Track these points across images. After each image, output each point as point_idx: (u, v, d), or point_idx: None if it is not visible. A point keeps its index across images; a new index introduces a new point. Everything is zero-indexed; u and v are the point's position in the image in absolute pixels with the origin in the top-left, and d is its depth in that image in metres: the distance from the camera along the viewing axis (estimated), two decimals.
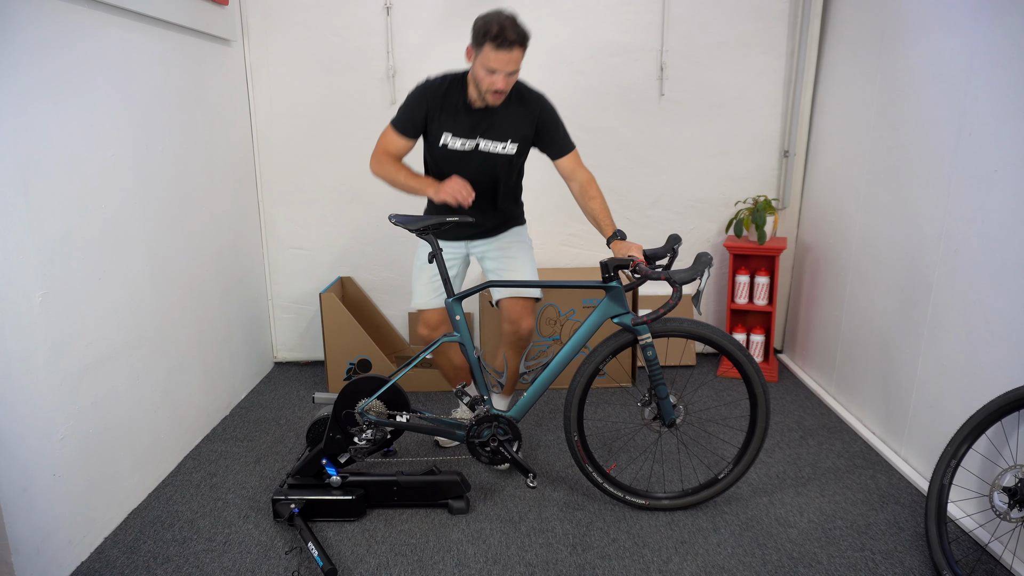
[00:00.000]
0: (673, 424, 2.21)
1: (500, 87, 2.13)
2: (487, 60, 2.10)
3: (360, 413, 2.23)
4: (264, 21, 3.30)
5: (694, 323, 2.15)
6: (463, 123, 2.26)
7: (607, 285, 2.14)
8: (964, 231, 2.21)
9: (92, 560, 2.06)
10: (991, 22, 2.11)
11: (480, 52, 2.12)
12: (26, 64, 1.85)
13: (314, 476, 2.29)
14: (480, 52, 2.12)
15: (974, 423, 1.91)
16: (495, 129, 2.28)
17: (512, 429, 2.25)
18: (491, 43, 2.08)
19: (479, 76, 2.15)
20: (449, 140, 2.28)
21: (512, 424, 2.24)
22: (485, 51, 2.10)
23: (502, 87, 2.14)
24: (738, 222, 3.40)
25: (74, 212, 2.03)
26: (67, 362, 2.00)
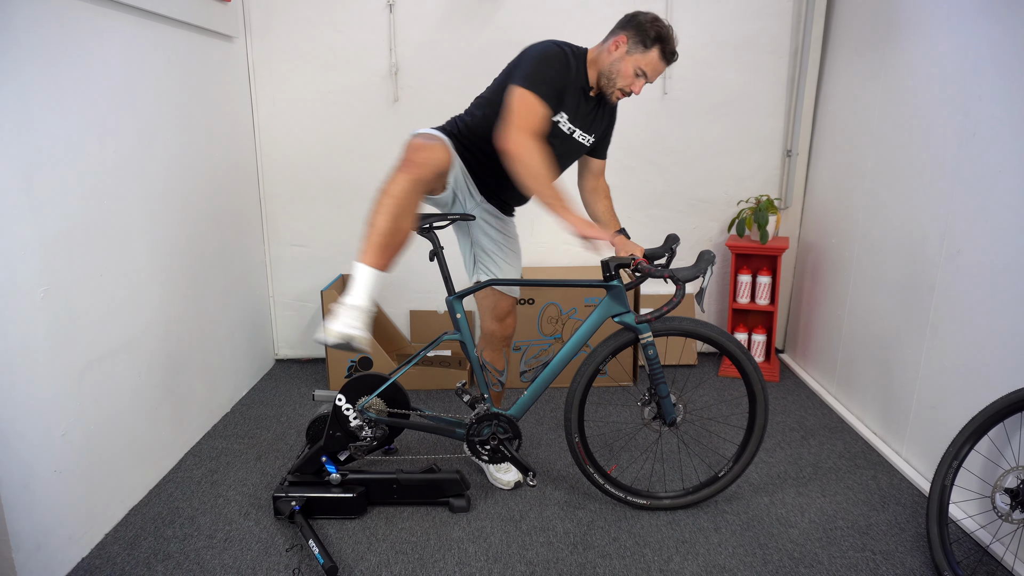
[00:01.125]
0: (674, 423, 2.21)
1: (638, 92, 2.11)
2: (647, 63, 2.06)
3: (360, 411, 2.23)
4: (266, 17, 3.30)
5: (694, 321, 2.15)
6: (582, 109, 2.15)
7: (608, 284, 2.14)
8: (967, 231, 2.20)
9: (93, 556, 2.06)
10: (995, 22, 2.11)
11: (643, 53, 2.05)
12: (28, 60, 1.84)
13: (314, 474, 2.29)
14: (643, 53, 2.05)
15: (976, 424, 1.90)
16: (594, 122, 2.22)
17: (512, 428, 2.25)
18: (661, 50, 2.05)
19: (624, 73, 2.07)
20: (562, 122, 2.13)
21: (512, 423, 2.24)
22: (650, 54, 2.05)
23: (638, 92, 2.12)
24: (740, 221, 3.40)
25: (76, 208, 2.03)
26: (69, 358, 2.00)
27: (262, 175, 3.49)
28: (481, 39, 3.36)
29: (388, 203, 1.94)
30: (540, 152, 1.95)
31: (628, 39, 2.06)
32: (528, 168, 1.94)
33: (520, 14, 3.34)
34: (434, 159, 1.98)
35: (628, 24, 2.08)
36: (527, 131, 1.95)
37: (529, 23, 3.35)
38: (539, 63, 2.01)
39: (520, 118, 1.96)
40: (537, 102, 1.97)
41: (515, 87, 1.98)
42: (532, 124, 1.97)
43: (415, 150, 1.98)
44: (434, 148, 1.99)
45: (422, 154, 1.97)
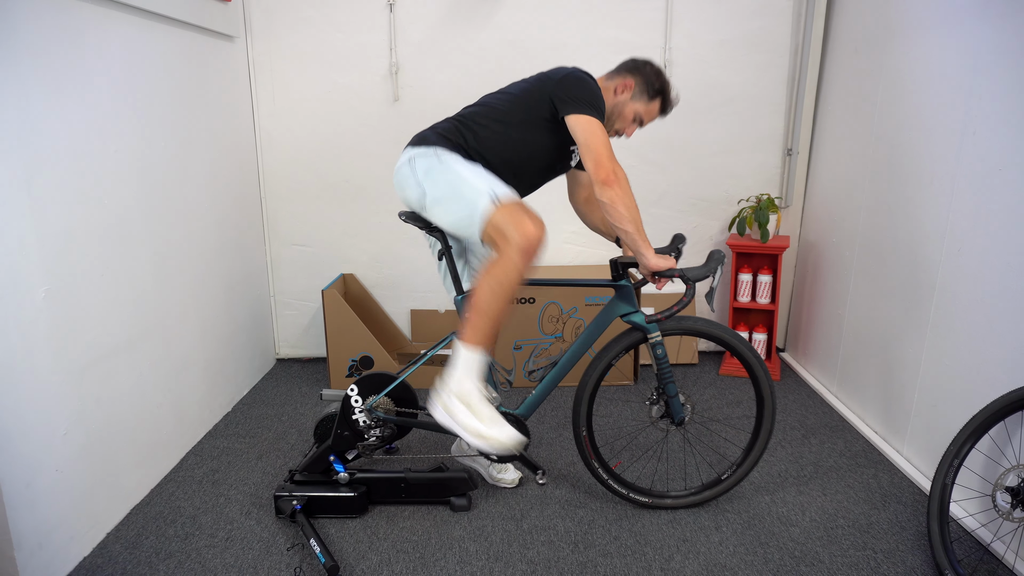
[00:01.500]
0: (682, 423, 2.21)
1: (628, 136, 2.23)
2: (647, 112, 2.17)
3: (369, 410, 2.23)
4: (267, 17, 3.30)
5: (703, 321, 2.15)
6: None
7: (617, 284, 2.14)
8: (968, 230, 2.20)
9: (94, 555, 2.07)
10: (995, 20, 2.11)
11: (645, 103, 2.16)
12: (29, 61, 1.85)
13: (321, 472, 2.29)
14: (645, 103, 2.16)
15: (977, 422, 1.90)
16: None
17: (520, 427, 2.24)
18: (661, 104, 2.17)
19: (624, 116, 2.16)
20: (575, 148, 2.18)
21: (520, 422, 2.23)
22: (652, 105, 2.16)
23: (628, 136, 2.24)
24: (741, 220, 3.40)
25: (77, 208, 2.03)
26: (70, 358, 2.00)
27: (263, 175, 3.50)
28: (481, 39, 3.36)
29: (508, 292, 1.91)
30: (631, 192, 1.99)
31: (635, 85, 2.14)
32: (627, 205, 1.96)
33: (520, 14, 3.34)
34: (544, 235, 1.93)
35: (636, 71, 2.15)
36: (618, 164, 1.97)
37: (529, 23, 3.35)
38: (592, 93, 2.03)
39: (607, 149, 1.96)
40: (605, 131, 2.00)
41: (590, 118, 1.97)
42: (613, 154, 1.98)
43: (534, 238, 1.89)
44: (541, 225, 1.93)
45: (540, 238, 1.91)
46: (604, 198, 1.96)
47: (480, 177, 1.99)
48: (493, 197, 1.92)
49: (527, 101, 2.08)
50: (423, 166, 2.05)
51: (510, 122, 2.08)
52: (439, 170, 2.02)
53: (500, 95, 2.15)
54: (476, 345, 1.93)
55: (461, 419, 1.89)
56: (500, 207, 1.91)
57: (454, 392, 1.91)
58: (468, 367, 1.92)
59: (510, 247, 1.89)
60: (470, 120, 2.11)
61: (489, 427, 1.88)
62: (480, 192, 1.94)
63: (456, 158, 2.03)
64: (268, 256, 3.60)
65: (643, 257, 1.99)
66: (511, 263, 1.89)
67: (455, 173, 2.00)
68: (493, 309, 1.92)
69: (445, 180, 2.00)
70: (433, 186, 2.02)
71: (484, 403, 1.92)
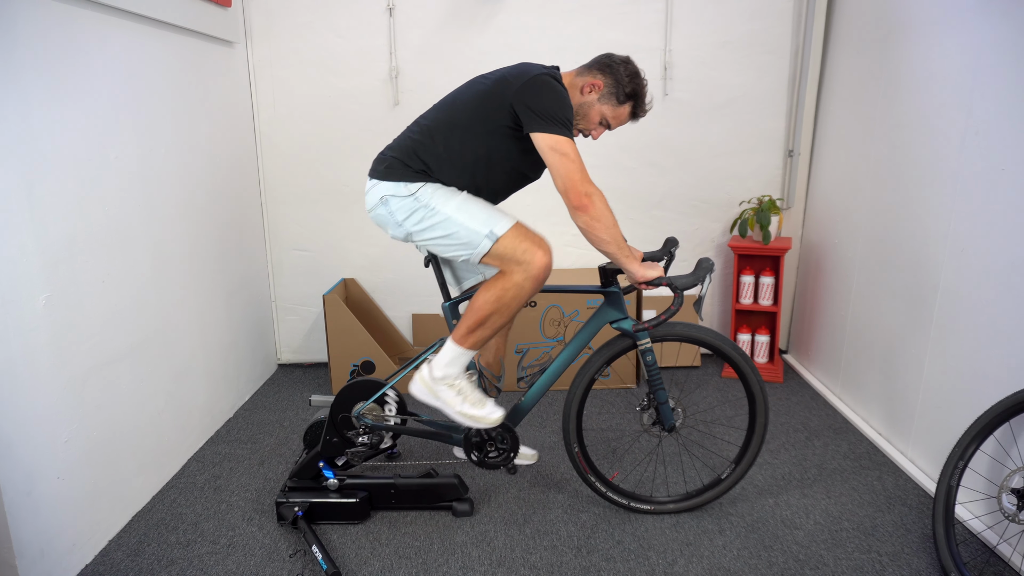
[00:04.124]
0: (673, 429, 2.19)
1: (595, 139, 2.12)
2: (615, 116, 2.04)
3: (356, 417, 2.22)
4: (267, 23, 3.31)
5: (690, 326, 2.13)
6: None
7: (606, 290, 2.12)
8: (971, 230, 2.19)
9: (96, 563, 2.06)
10: (997, 19, 2.10)
11: (613, 107, 2.02)
12: (29, 67, 1.85)
13: (311, 479, 2.28)
14: (613, 107, 2.02)
15: (982, 424, 1.89)
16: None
17: (509, 435, 2.23)
18: (631, 108, 2.04)
19: (589, 118, 2.04)
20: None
21: (509, 429, 2.21)
22: (621, 110, 2.03)
23: (595, 139, 2.14)
24: (743, 222, 3.39)
25: (77, 215, 2.03)
26: (71, 365, 2.00)
27: (263, 180, 3.50)
28: (481, 42, 3.36)
29: (509, 310, 1.97)
30: (609, 208, 1.91)
31: (604, 86, 2.01)
32: (606, 226, 1.89)
33: (520, 17, 3.34)
34: (552, 259, 1.98)
35: (607, 70, 2.01)
36: (592, 183, 1.88)
37: (529, 26, 3.35)
38: (556, 102, 1.88)
39: (578, 171, 1.86)
40: (575, 146, 1.89)
41: (556, 138, 1.86)
42: (586, 172, 1.89)
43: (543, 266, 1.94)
44: (549, 250, 1.96)
45: (549, 264, 1.96)
46: (579, 223, 1.90)
47: (473, 217, 1.96)
48: (492, 237, 1.94)
49: (486, 107, 1.95)
50: (403, 210, 1.99)
51: (471, 134, 1.97)
52: (426, 216, 1.97)
53: (459, 102, 2.01)
54: (466, 348, 2.03)
55: (447, 398, 2.06)
56: (502, 239, 1.93)
57: (439, 377, 2.06)
58: (455, 360, 2.05)
59: (519, 273, 1.94)
60: (428, 137, 1.99)
61: (475, 407, 2.06)
62: (477, 234, 1.95)
63: (438, 196, 1.97)
64: (269, 261, 3.60)
65: (630, 271, 1.97)
66: (519, 287, 1.95)
67: (444, 217, 1.96)
68: (491, 321, 1.98)
69: (435, 225, 1.98)
70: (421, 232, 2.00)
71: (471, 386, 2.10)
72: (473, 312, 1.97)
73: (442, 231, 1.98)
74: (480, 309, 1.96)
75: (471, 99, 1.98)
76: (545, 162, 1.91)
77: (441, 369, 2.05)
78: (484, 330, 1.99)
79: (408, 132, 2.06)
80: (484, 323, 1.98)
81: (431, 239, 2.01)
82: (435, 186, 1.99)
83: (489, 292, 1.96)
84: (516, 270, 1.94)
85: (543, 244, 1.96)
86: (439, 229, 1.97)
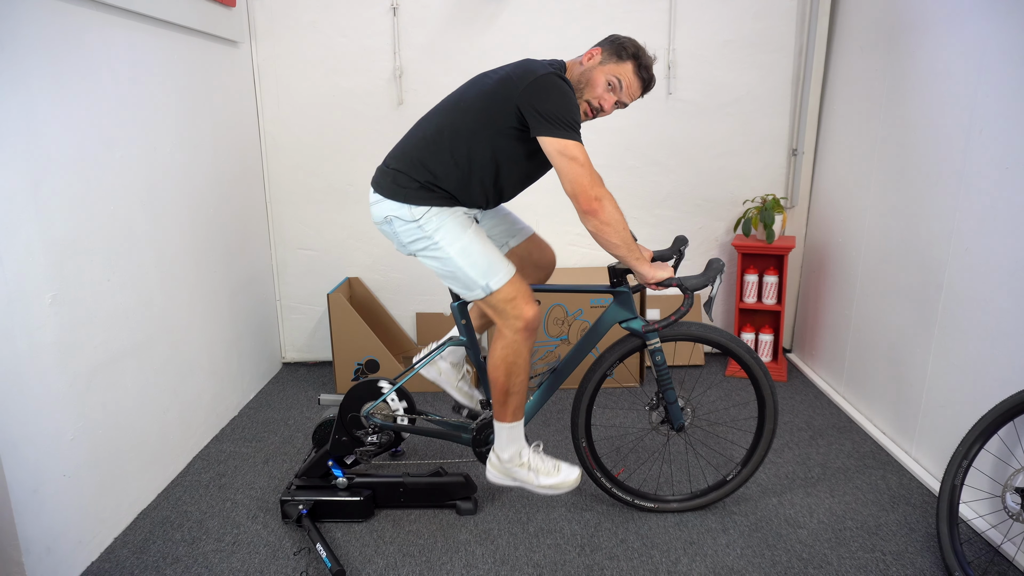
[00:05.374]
0: (682, 428, 2.20)
1: (607, 109, 1.98)
2: (621, 72, 1.93)
3: (366, 416, 2.23)
4: (271, 22, 3.31)
5: (701, 326, 2.13)
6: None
7: (615, 290, 2.12)
8: (975, 229, 2.19)
9: (102, 560, 2.07)
10: (1001, 18, 2.10)
11: (616, 63, 1.93)
12: (34, 67, 1.86)
13: (320, 477, 2.29)
14: (616, 63, 1.93)
15: (986, 423, 1.89)
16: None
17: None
18: (636, 64, 1.94)
19: (594, 81, 1.94)
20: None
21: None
22: (625, 65, 1.93)
23: (607, 110, 1.98)
24: (746, 221, 3.39)
25: (83, 214, 2.04)
26: (77, 363, 2.01)
27: (268, 179, 3.51)
28: (485, 41, 3.36)
29: (521, 367, 2.02)
30: (619, 210, 1.88)
31: (603, 51, 1.96)
32: (616, 229, 1.87)
33: (523, 16, 3.34)
34: (539, 314, 2.01)
35: (605, 42, 1.98)
36: (602, 186, 1.85)
37: (533, 25, 3.35)
38: (563, 103, 1.84)
39: (588, 175, 1.83)
40: (583, 149, 1.85)
41: (564, 142, 1.82)
42: (599, 177, 1.86)
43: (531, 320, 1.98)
44: (536, 305, 2.00)
45: (537, 317, 2.00)
46: (589, 227, 1.89)
47: (474, 264, 1.96)
48: (487, 290, 1.96)
49: (491, 109, 1.91)
50: (407, 234, 1.99)
51: (477, 138, 1.93)
52: (429, 247, 1.98)
53: (463, 104, 1.96)
54: (513, 421, 2.08)
55: (523, 478, 2.12)
56: (496, 293, 1.97)
57: (507, 460, 2.12)
58: (512, 436, 2.10)
59: (508, 329, 1.99)
60: (433, 144, 1.95)
61: (552, 477, 2.11)
62: (474, 282, 1.97)
63: (444, 230, 1.96)
64: (273, 260, 3.61)
65: (640, 273, 1.96)
66: (513, 343, 1.99)
67: (447, 256, 1.97)
68: (514, 385, 2.03)
69: (436, 258, 1.99)
70: (425, 259, 2.03)
71: (539, 458, 2.14)
72: (495, 386, 2.04)
73: (442, 266, 2.00)
74: (497, 380, 2.03)
75: (475, 100, 1.94)
76: (553, 166, 1.88)
77: (506, 451, 2.10)
78: (514, 397, 2.04)
79: (411, 140, 2.00)
80: (510, 389, 2.03)
81: (432, 266, 2.03)
82: (441, 213, 1.96)
83: (495, 358, 2.02)
84: (505, 325, 1.99)
85: (530, 298, 1.99)
86: (439, 263, 2.00)
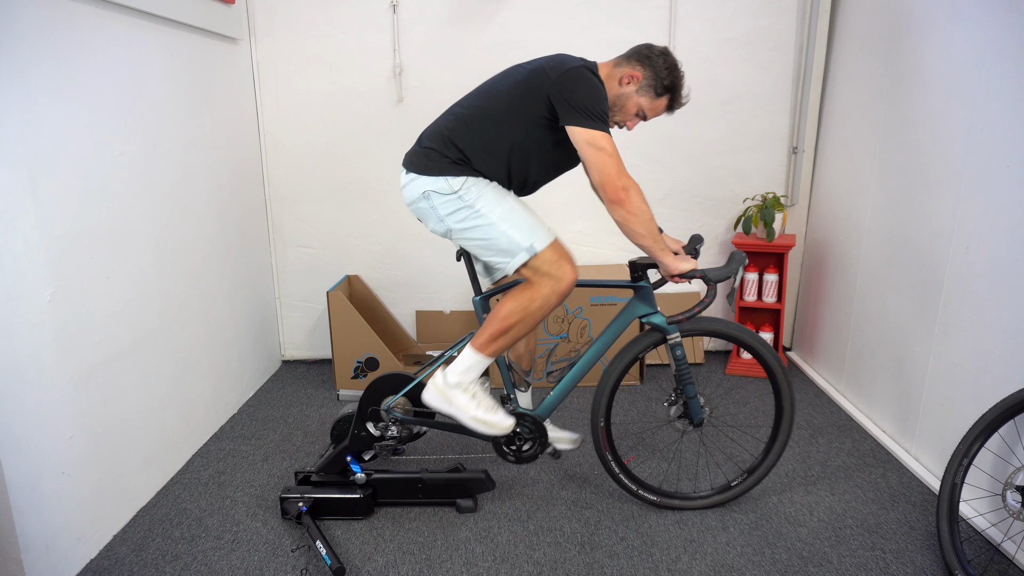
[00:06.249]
0: (701, 424, 2.20)
1: (630, 129, 2.10)
2: (652, 108, 2.02)
3: (386, 410, 2.23)
4: (270, 19, 3.31)
5: (721, 322, 2.14)
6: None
7: (636, 284, 2.12)
8: (976, 227, 2.19)
9: (101, 558, 2.07)
10: (1003, 15, 2.09)
11: (651, 99, 2.00)
12: (33, 64, 1.85)
13: (338, 473, 2.29)
14: (651, 99, 2.00)
15: (986, 421, 1.89)
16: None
17: (538, 427, 2.23)
18: (669, 100, 2.02)
19: (626, 110, 2.02)
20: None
21: (537, 422, 2.22)
22: (658, 103, 2.01)
23: (630, 130, 2.12)
24: (747, 219, 3.38)
25: (82, 211, 2.04)
26: (76, 361, 2.01)
27: (267, 177, 3.50)
28: (485, 39, 3.36)
29: (532, 320, 1.99)
30: (645, 202, 1.92)
31: (643, 78, 1.99)
32: (642, 220, 1.90)
33: (524, 14, 3.34)
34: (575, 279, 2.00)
35: (646, 62, 1.99)
36: (629, 177, 1.89)
37: (533, 23, 3.35)
38: (593, 95, 1.88)
39: (615, 165, 1.87)
40: (612, 140, 1.90)
41: (593, 132, 1.87)
42: (623, 166, 1.90)
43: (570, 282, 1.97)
44: (575, 268, 2.00)
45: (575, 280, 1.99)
46: (616, 217, 1.92)
47: (517, 227, 1.97)
48: (531, 251, 1.95)
49: (522, 98, 1.95)
50: (447, 207, 1.99)
51: (506, 123, 1.97)
52: (469, 216, 1.98)
53: (495, 90, 2.01)
54: (486, 355, 2.04)
55: (460, 403, 2.08)
56: (541, 253, 1.96)
57: (454, 383, 2.08)
58: (473, 367, 2.06)
59: (546, 286, 1.97)
60: (463, 125, 1.99)
61: (488, 412, 2.11)
62: (517, 245, 1.96)
63: (485, 197, 1.98)
64: (273, 258, 3.60)
65: (664, 264, 1.99)
66: (544, 299, 1.97)
67: (489, 222, 1.97)
68: (514, 331, 2.00)
69: (477, 227, 1.99)
70: (463, 231, 2.01)
71: (484, 392, 2.14)
72: (497, 321, 1.99)
73: (482, 234, 1.98)
74: (505, 318, 1.98)
75: (507, 88, 1.98)
76: (581, 156, 1.92)
77: (457, 376, 2.06)
78: (506, 339, 2.01)
79: (443, 120, 2.04)
80: (507, 332, 1.99)
81: (470, 239, 2.01)
82: (479, 183, 1.99)
83: (515, 302, 1.97)
84: (545, 283, 1.97)
85: (572, 261, 2.00)
86: (480, 232, 1.98)
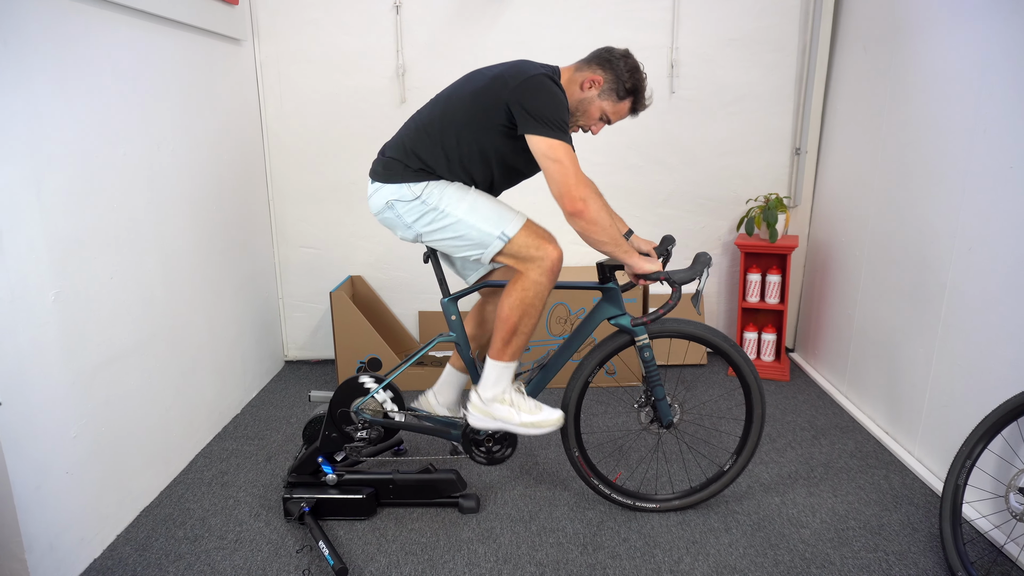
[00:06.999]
0: (671, 425, 2.19)
1: (595, 134, 2.10)
2: (615, 112, 2.02)
3: (355, 412, 2.23)
4: (274, 20, 3.31)
5: (685, 322, 2.13)
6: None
7: (604, 286, 2.12)
8: (978, 229, 2.18)
9: (104, 557, 2.07)
10: (1005, 17, 2.09)
11: (614, 103, 2.00)
12: (38, 64, 1.86)
13: (311, 474, 2.29)
14: (614, 103, 2.00)
15: (989, 423, 1.88)
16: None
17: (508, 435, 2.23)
18: (632, 103, 2.02)
19: (589, 114, 2.01)
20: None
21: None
22: (620, 106, 2.01)
23: (595, 134, 2.11)
24: (749, 220, 3.38)
25: (86, 211, 2.04)
26: (80, 360, 2.01)
27: (270, 177, 3.51)
28: (488, 39, 3.36)
29: (536, 310, 2.00)
30: (604, 207, 1.95)
31: (604, 82, 1.98)
32: (602, 228, 1.90)
33: (527, 14, 3.34)
34: (561, 255, 2.00)
35: (607, 65, 1.98)
36: (587, 186, 1.88)
37: (536, 23, 3.35)
38: (552, 104, 1.87)
39: (574, 175, 1.86)
40: (571, 150, 1.88)
41: (551, 141, 1.85)
42: (584, 177, 1.90)
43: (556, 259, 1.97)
44: (557, 244, 2.00)
45: (561, 256, 1.99)
46: (576, 228, 1.92)
47: (485, 218, 1.97)
48: (504, 237, 1.95)
49: (482, 105, 1.93)
50: (411, 213, 2.00)
51: (466, 130, 1.96)
52: (436, 218, 1.99)
53: (455, 98, 1.99)
54: (507, 361, 2.04)
55: (504, 415, 2.07)
56: (514, 238, 1.95)
57: (490, 398, 2.07)
58: (500, 376, 2.06)
59: (533, 271, 1.96)
60: (424, 134, 1.99)
61: (533, 414, 2.07)
62: (488, 235, 1.96)
63: (447, 197, 1.98)
64: (276, 258, 3.61)
65: (629, 266, 1.99)
66: (536, 284, 1.97)
67: (455, 219, 1.98)
68: (522, 326, 2.00)
69: (445, 227, 1.99)
70: (432, 233, 2.02)
71: (522, 397, 2.11)
72: (502, 323, 1.99)
73: (452, 232, 1.99)
74: (509, 318, 1.98)
75: (467, 96, 1.97)
76: (540, 166, 1.91)
77: (489, 391, 2.06)
78: (519, 337, 2.01)
79: (404, 131, 2.05)
80: (516, 330, 1.99)
81: (441, 239, 2.02)
82: (440, 185, 1.99)
83: (511, 298, 1.98)
84: (531, 267, 1.96)
85: (552, 238, 1.99)
86: (450, 231, 1.99)
